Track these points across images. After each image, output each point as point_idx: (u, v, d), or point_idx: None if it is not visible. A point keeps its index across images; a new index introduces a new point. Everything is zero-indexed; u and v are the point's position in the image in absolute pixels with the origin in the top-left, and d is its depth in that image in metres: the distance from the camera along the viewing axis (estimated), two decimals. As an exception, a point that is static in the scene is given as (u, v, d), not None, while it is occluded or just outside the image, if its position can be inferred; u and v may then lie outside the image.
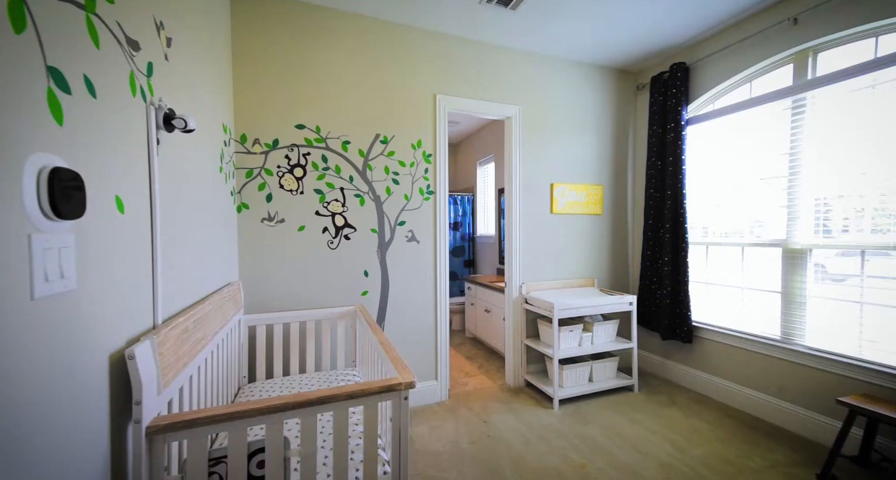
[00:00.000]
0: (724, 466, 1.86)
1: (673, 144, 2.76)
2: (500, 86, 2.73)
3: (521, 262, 2.86)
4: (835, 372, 2.02)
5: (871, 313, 1.96)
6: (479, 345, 3.87)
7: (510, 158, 2.81)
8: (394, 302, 2.46)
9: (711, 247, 2.77)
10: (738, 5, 2.26)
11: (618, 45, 2.72)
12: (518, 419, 2.34)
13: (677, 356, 2.90)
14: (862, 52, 1.96)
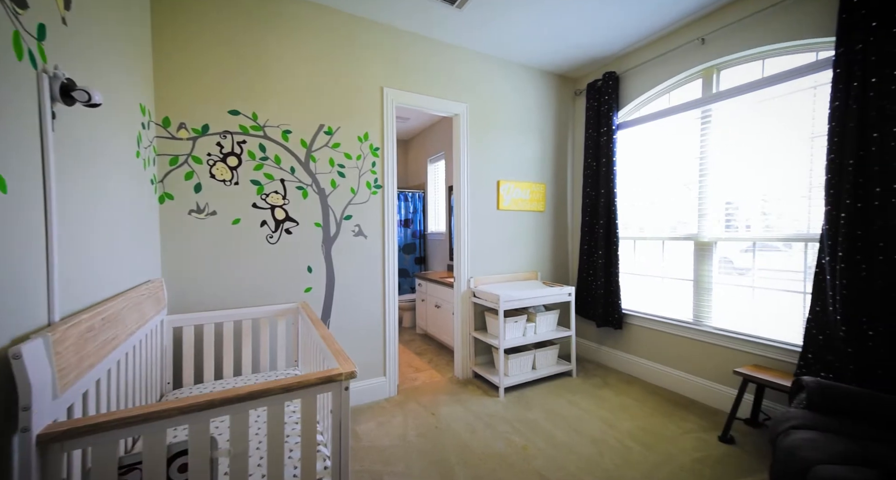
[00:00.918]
0: (647, 436, 2.07)
1: (606, 147, 3.00)
2: (449, 83, 2.77)
3: (470, 257, 2.93)
4: (734, 348, 2.33)
5: (761, 297, 2.29)
6: (430, 341, 3.90)
7: (459, 154, 2.87)
8: (340, 298, 2.39)
9: (638, 241, 3.05)
10: (657, 24, 2.52)
11: (557, 52, 2.90)
12: (466, 409, 2.39)
13: (610, 342, 3.16)
14: (752, 71, 2.29)
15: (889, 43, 1.64)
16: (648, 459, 1.86)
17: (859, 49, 1.71)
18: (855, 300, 1.74)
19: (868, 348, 1.72)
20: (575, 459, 1.87)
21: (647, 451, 1.93)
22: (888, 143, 1.65)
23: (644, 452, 1.92)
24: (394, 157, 2.54)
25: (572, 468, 1.80)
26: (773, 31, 2.10)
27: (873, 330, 1.71)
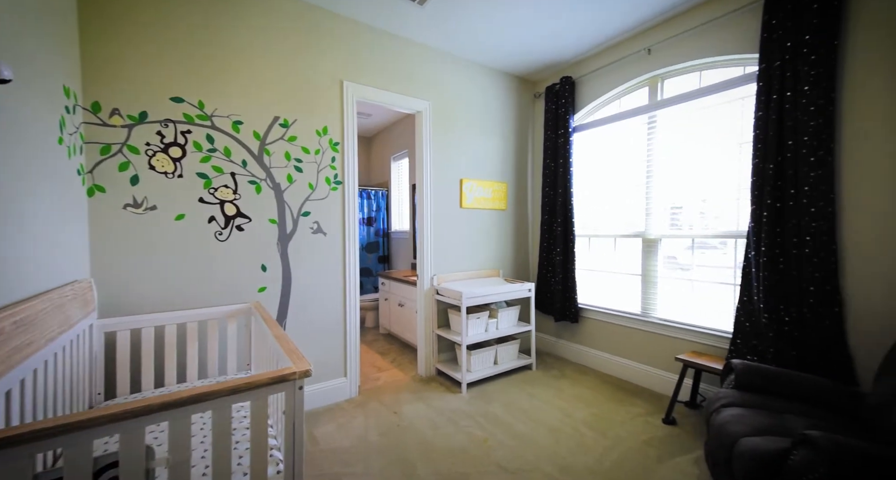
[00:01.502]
0: (599, 422, 2.18)
1: (563, 148, 3.13)
2: (412, 80, 2.76)
3: (433, 255, 2.94)
4: (676, 336, 2.52)
5: (700, 289, 2.50)
6: (393, 340, 3.86)
7: (421, 152, 2.86)
8: (297, 298, 2.30)
9: (593, 239, 3.22)
10: (608, 33, 2.67)
11: (517, 55, 2.98)
12: (428, 406, 2.39)
13: (567, 335, 3.30)
14: (692, 82, 2.49)
15: (801, 62, 1.85)
16: (600, 444, 1.97)
17: (777, 66, 1.92)
18: (774, 290, 1.95)
19: (784, 332, 1.93)
20: (533, 448, 1.93)
21: (599, 436, 2.03)
22: (800, 150, 1.87)
23: (597, 437, 2.03)
24: (355, 153, 2.49)
25: (530, 457, 1.86)
26: (708, 46, 2.30)
27: (789, 316, 1.92)
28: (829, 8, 1.78)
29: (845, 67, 1.79)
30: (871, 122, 1.73)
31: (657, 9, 2.38)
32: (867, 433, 1.43)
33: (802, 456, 1.17)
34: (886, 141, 1.70)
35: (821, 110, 1.81)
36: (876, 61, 1.71)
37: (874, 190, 1.73)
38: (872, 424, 1.43)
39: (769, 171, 1.96)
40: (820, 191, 1.82)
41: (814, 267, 1.85)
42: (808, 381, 1.66)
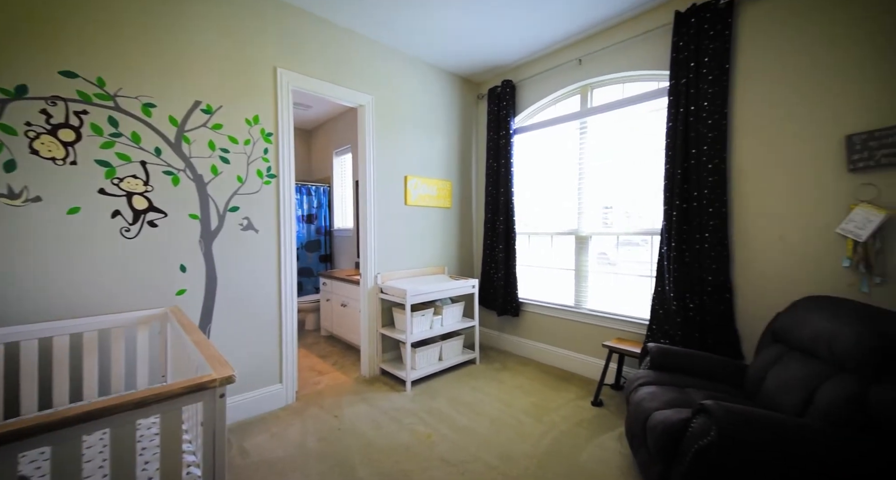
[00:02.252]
0: (537, 410, 2.31)
1: (504, 149, 3.25)
2: (355, 73, 2.67)
3: (377, 253, 2.88)
4: (604, 325, 2.75)
5: (624, 282, 2.75)
6: (336, 342, 3.72)
7: (364, 147, 2.78)
8: (224, 301, 2.11)
9: (533, 236, 3.38)
10: (545, 41, 2.82)
11: (462, 55, 3.03)
12: (371, 406, 2.34)
13: (509, 329, 3.44)
14: (616, 92, 2.73)
15: (701, 80, 2.12)
16: (537, 429, 2.08)
17: (684, 83, 2.17)
18: (681, 280, 2.21)
19: (689, 317, 2.20)
20: (475, 439, 1.98)
21: (536, 423, 2.15)
22: (701, 158, 2.14)
23: (534, 424, 2.14)
24: (291, 145, 2.34)
25: (472, 448, 1.91)
26: (629, 61, 2.54)
27: (693, 303, 2.20)
28: (722, 36, 2.06)
29: (735, 87, 2.09)
30: (752, 136, 2.04)
31: (586, 23, 2.57)
32: (749, 399, 1.68)
33: (700, 423, 1.35)
34: (761, 152, 2.01)
35: (716, 124, 2.09)
36: (756, 84, 2.02)
37: (754, 195, 2.04)
38: (751, 391, 1.69)
39: (677, 176, 2.22)
40: (716, 194, 2.11)
41: (711, 260, 2.13)
42: (707, 359, 1.91)
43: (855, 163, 1.74)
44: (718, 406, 1.30)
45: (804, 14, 1.87)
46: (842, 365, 1.39)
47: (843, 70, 1.77)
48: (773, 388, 1.57)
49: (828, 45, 1.81)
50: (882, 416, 1.20)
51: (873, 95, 1.70)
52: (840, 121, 1.79)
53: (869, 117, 1.71)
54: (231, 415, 2.13)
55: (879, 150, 1.67)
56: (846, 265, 1.78)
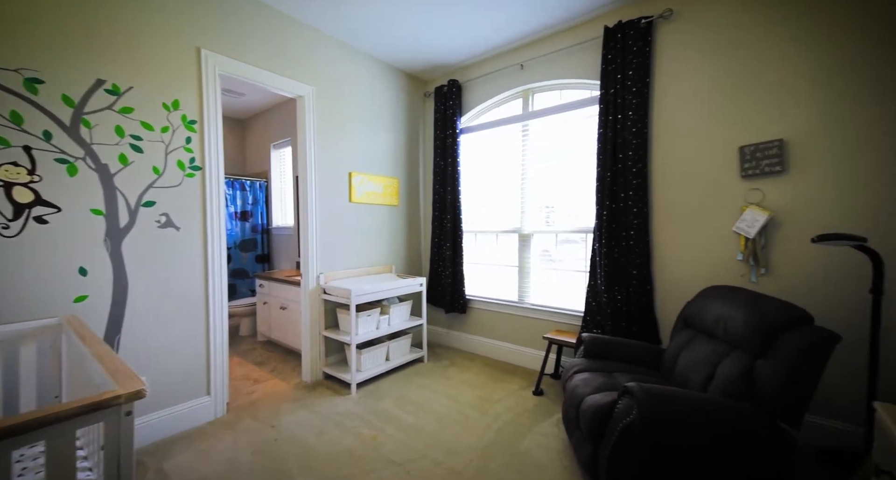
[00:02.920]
0: (482, 403, 2.37)
1: (451, 148, 3.28)
2: (295, 62, 2.52)
3: (320, 252, 2.75)
4: (545, 319, 2.90)
5: (564, 277, 2.92)
6: (274, 347, 3.49)
7: (304, 140, 2.64)
8: (138, 308, 1.87)
9: (479, 234, 3.46)
10: (489, 44, 2.90)
11: (408, 52, 3.00)
12: (313, 413, 2.24)
13: (457, 326, 3.49)
14: (554, 98, 2.88)
15: (627, 92, 2.33)
16: (482, 422, 2.14)
17: (612, 93, 2.37)
18: (610, 274, 2.41)
19: (618, 308, 2.41)
20: (422, 437, 1.98)
21: (481, 416, 2.21)
22: (627, 163, 2.35)
23: (479, 417, 2.19)
24: (219, 134, 2.14)
25: (419, 446, 1.90)
26: (566, 69, 2.70)
27: (620, 295, 2.40)
28: (643, 52, 2.27)
29: (654, 99, 2.32)
30: (667, 145, 2.29)
31: (527, 29, 2.69)
32: (665, 379, 1.88)
33: (624, 404, 1.48)
34: (675, 160, 2.26)
35: (640, 132, 2.30)
36: (669, 99, 2.26)
37: (670, 197, 2.29)
38: (667, 372, 1.89)
39: (607, 178, 2.41)
40: (639, 196, 2.32)
41: (635, 255, 2.35)
42: (632, 345, 2.10)
43: (745, 170, 2.02)
44: (640, 388, 1.44)
45: (705, 40, 2.13)
46: (735, 344, 1.61)
47: (736, 91, 2.05)
48: (684, 368, 1.77)
49: (724, 69, 2.08)
50: (761, 384, 1.41)
51: (759, 113, 1.99)
52: (734, 134, 2.07)
53: (756, 132, 2.00)
54: (148, 434, 1.90)
55: (763, 160, 1.97)
56: (739, 259, 2.07)
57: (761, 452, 1.32)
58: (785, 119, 1.93)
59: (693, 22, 2.17)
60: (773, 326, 1.47)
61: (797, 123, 1.90)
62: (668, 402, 1.39)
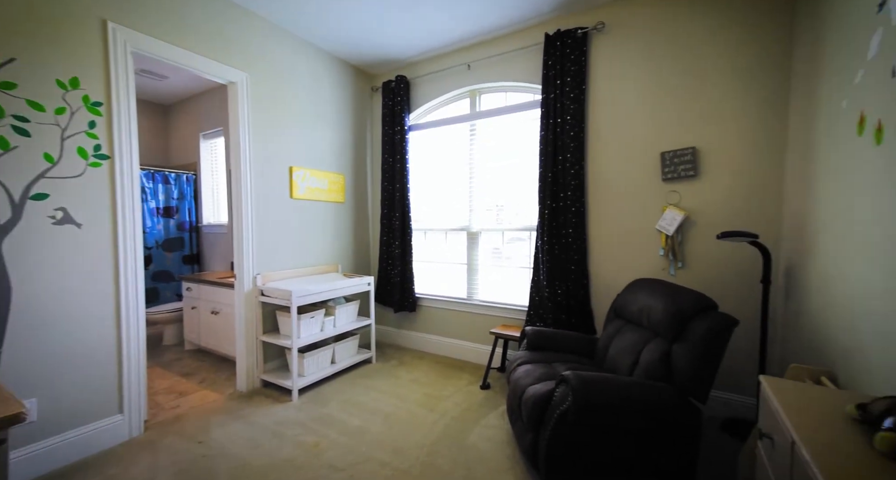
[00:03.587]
0: (430, 400, 2.37)
1: (400, 145, 3.23)
2: (226, 45, 2.31)
3: (257, 251, 2.56)
4: (493, 314, 2.98)
5: (511, 274, 3.02)
6: (205, 356, 3.19)
7: (238, 131, 2.44)
8: (26, 317, 1.60)
9: (428, 232, 3.46)
10: (435, 43, 2.90)
11: (354, 44, 2.89)
12: (249, 424, 2.08)
13: (406, 325, 3.46)
14: (500, 100, 2.96)
15: (565, 97, 2.46)
16: (429, 419, 2.14)
17: (552, 97, 2.49)
18: (552, 270, 2.54)
19: (558, 302, 2.55)
20: (367, 439, 1.93)
21: (428, 413, 2.21)
22: (566, 164, 2.48)
23: (426, 414, 2.19)
24: (133, 120, 1.90)
25: (364, 449, 1.85)
26: (510, 72, 2.78)
27: (560, 290, 2.54)
28: (580, 61, 2.42)
29: (589, 106, 2.48)
30: (601, 149, 2.46)
31: (474, 30, 2.73)
32: (598, 366, 2.03)
33: (561, 392, 1.56)
34: (607, 163, 2.44)
35: (577, 136, 2.45)
36: (602, 106, 2.44)
37: (603, 197, 2.47)
38: (601, 360, 2.04)
39: (549, 179, 2.53)
40: (577, 195, 2.47)
41: (574, 252, 2.49)
42: (571, 336, 2.23)
43: (666, 174, 2.24)
44: (574, 376, 1.53)
45: (632, 52, 2.32)
46: (656, 332, 1.78)
47: (658, 101, 2.26)
48: (614, 354, 1.92)
49: (647, 81, 2.29)
50: (675, 366, 1.57)
51: (677, 122, 2.21)
52: (657, 141, 2.28)
53: (674, 139, 2.23)
54: (44, 463, 1.63)
55: (680, 165, 2.19)
56: (661, 254, 2.29)
57: (675, 425, 1.47)
58: (697, 129, 2.16)
59: (622, 36, 2.35)
60: (685, 314, 1.64)
61: (707, 133, 2.14)
62: (599, 387, 1.49)
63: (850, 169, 1.33)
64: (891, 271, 1.07)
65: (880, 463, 0.68)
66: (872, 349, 1.15)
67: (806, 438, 0.75)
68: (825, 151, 1.54)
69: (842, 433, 0.77)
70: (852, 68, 1.33)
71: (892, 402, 0.75)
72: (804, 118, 1.76)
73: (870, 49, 1.22)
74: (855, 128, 1.29)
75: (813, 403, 0.91)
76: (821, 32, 1.62)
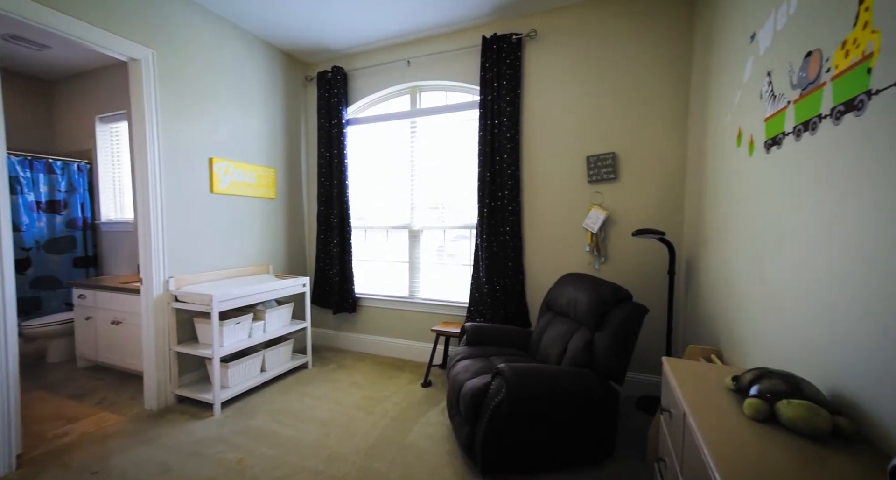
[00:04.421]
0: (370, 402, 2.31)
1: (337, 140, 3.09)
2: (126, 16, 2.01)
3: (169, 252, 2.27)
4: (435, 312, 2.99)
5: (454, 271, 3.05)
6: (103, 373, 2.77)
7: (142, 115, 2.13)
8: None
9: (369, 230, 3.36)
10: (373, 36, 2.82)
11: (284, 28, 2.69)
12: (158, 446, 1.84)
13: (346, 326, 3.33)
14: (441, 98, 2.98)
15: (502, 100, 2.54)
16: (368, 422, 2.08)
17: (489, 99, 2.56)
18: (490, 266, 2.62)
19: (497, 297, 2.63)
20: (300, 449, 1.82)
21: (367, 415, 2.15)
22: (503, 165, 2.57)
23: (365, 417, 2.13)
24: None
25: (296, 459, 1.74)
26: (450, 71, 2.81)
27: (499, 286, 2.63)
28: (515, 65, 2.52)
29: (524, 109, 2.60)
30: (535, 151, 2.59)
31: (412, 26, 2.70)
32: (532, 357, 2.14)
33: (496, 384, 1.61)
34: (540, 164, 2.58)
35: (513, 138, 2.55)
36: (535, 111, 2.57)
37: (536, 197, 2.60)
38: (534, 351, 2.15)
39: (487, 178, 2.60)
40: (513, 195, 2.58)
41: (510, 249, 2.60)
42: (507, 330, 2.32)
43: (590, 176, 2.43)
44: (509, 368, 1.59)
45: (561, 60, 2.48)
46: (581, 322, 1.92)
47: (584, 107, 2.44)
48: (546, 346, 2.04)
49: (574, 88, 2.46)
50: (596, 353, 1.72)
51: (599, 128, 2.41)
52: (583, 145, 2.46)
53: (598, 144, 2.42)
54: None
55: (603, 168, 2.39)
56: (587, 250, 2.48)
57: (596, 406, 1.61)
58: (617, 136, 2.38)
59: (553, 44, 2.50)
60: (606, 304, 1.80)
61: (624, 140, 2.36)
62: (532, 378, 1.57)
63: (732, 175, 1.55)
64: (755, 260, 1.27)
65: (748, 425, 0.81)
66: (746, 327, 1.36)
67: (693, 408, 0.86)
68: (714, 160, 1.79)
69: (721, 402, 0.90)
70: (734, 89, 1.56)
71: (758, 373, 0.89)
72: (700, 131, 2.02)
73: (745, 73, 1.43)
74: (735, 141, 1.52)
75: (701, 378, 1.04)
76: (711, 58, 1.87)
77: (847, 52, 0.85)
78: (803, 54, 1.03)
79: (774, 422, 0.81)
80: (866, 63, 0.79)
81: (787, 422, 0.77)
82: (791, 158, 1.09)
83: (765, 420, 0.81)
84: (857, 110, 0.82)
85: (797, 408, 0.76)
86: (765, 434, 0.77)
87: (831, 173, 0.91)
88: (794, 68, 1.07)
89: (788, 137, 1.10)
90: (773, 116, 1.20)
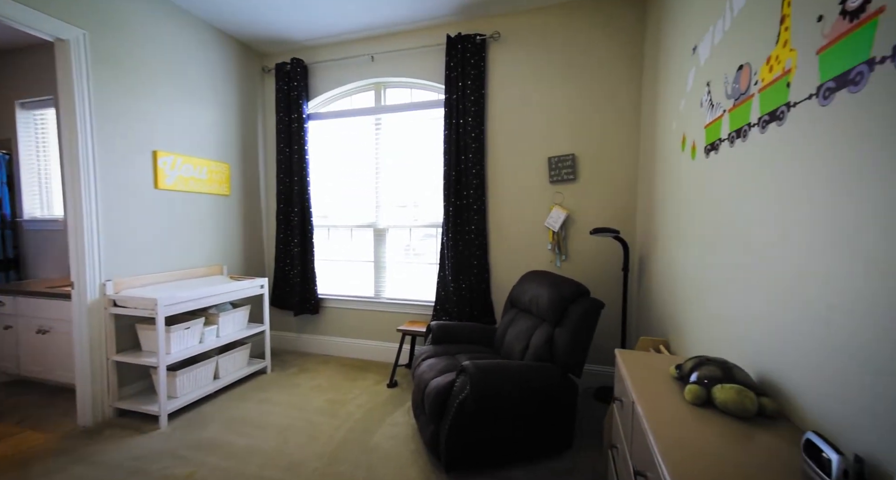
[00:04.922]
0: (333, 406, 2.25)
1: (298, 135, 2.97)
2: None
3: (106, 252, 2.08)
4: (401, 311, 2.96)
5: (420, 270, 3.03)
6: (28, 388, 2.48)
7: (72, 101, 1.93)
8: None
9: (332, 229, 3.26)
10: (334, 28, 2.73)
11: (233, 12, 2.54)
12: (93, 465, 1.68)
13: (308, 328, 3.22)
14: (406, 96, 2.95)
15: (467, 99, 2.56)
16: (331, 426, 2.03)
17: (454, 98, 2.57)
18: (456, 265, 2.64)
19: (462, 295, 2.65)
20: (257, 459, 1.74)
21: (331, 419, 2.09)
22: (468, 163, 2.59)
23: (328, 421, 2.07)
24: None
25: (252, 470, 1.66)
26: (415, 69, 2.79)
27: (465, 283, 2.65)
28: (479, 65, 2.55)
29: (488, 109, 2.63)
30: (499, 150, 2.64)
31: (374, 21, 2.64)
32: (496, 353, 2.17)
33: (460, 381, 1.63)
34: (503, 164, 2.63)
35: (478, 137, 2.58)
36: (498, 111, 2.61)
37: (501, 196, 2.65)
38: (498, 347, 2.19)
39: (453, 177, 2.61)
40: (479, 194, 2.60)
41: (476, 248, 2.63)
42: (473, 328, 2.34)
43: (552, 177, 2.51)
44: (473, 365, 1.61)
45: (524, 62, 2.54)
46: (543, 318, 1.98)
47: (545, 109, 2.52)
48: (510, 342, 2.08)
49: (536, 89, 2.53)
50: (556, 347, 1.78)
51: (560, 130, 2.50)
52: (545, 146, 2.54)
53: (559, 145, 2.51)
54: None
55: (563, 169, 2.48)
56: (549, 248, 2.56)
57: (556, 398, 1.67)
58: (576, 138, 2.47)
59: (515, 45, 2.55)
60: (565, 301, 1.86)
61: (582, 143, 2.46)
62: (496, 374, 1.60)
63: (678, 178, 1.67)
64: (697, 257, 1.38)
65: (689, 410, 0.87)
66: (687, 318, 1.47)
67: (640, 396, 0.92)
68: (662, 164, 1.91)
69: (665, 389, 0.97)
70: (679, 97, 1.67)
71: (697, 361, 0.96)
72: (650, 135, 2.15)
73: (688, 83, 1.54)
74: (680, 145, 1.63)
75: (649, 368, 1.11)
76: (659, 67, 2.00)
77: (771, 67, 0.93)
78: (736, 67, 1.12)
79: (711, 405, 0.88)
80: (786, 78, 0.87)
81: (720, 405, 0.84)
82: (726, 162, 1.19)
83: (703, 404, 0.88)
84: (779, 120, 0.90)
85: (728, 392, 0.83)
86: (702, 416, 0.84)
87: (758, 176, 1.00)
88: (728, 80, 1.17)
89: (724, 143, 1.20)
90: (711, 124, 1.30)
